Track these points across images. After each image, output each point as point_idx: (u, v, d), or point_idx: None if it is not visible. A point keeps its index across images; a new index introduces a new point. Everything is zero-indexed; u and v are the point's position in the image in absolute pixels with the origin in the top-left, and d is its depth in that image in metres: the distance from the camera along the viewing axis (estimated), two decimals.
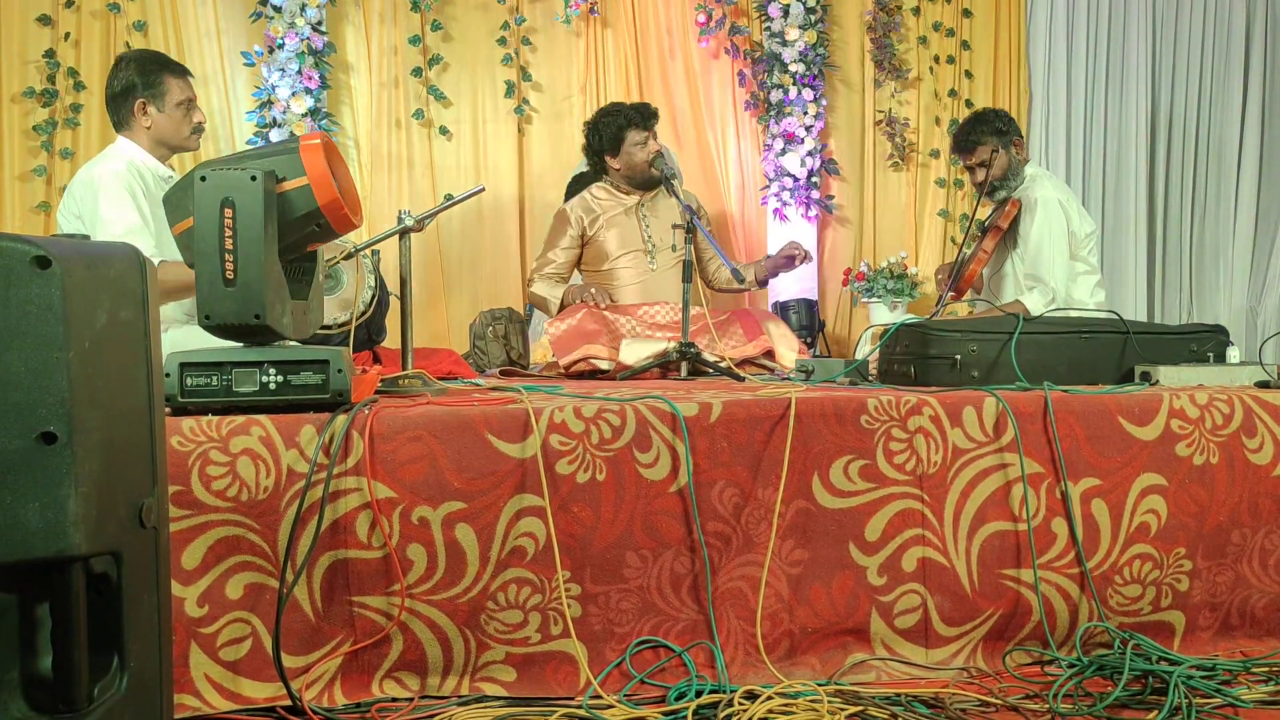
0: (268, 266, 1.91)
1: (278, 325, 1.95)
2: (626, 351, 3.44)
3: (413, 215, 2.70)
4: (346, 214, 2.01)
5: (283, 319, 1.98)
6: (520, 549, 1.94)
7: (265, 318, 1.90)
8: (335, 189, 1.97)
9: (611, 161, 4.18)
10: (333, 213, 1.99)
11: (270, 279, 1.92)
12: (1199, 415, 2.19)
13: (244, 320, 1.90)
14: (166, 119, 3.17)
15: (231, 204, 1.89)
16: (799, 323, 5.21)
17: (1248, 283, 5.94)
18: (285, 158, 1.97)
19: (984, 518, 2.11)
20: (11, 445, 1.06)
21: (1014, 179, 4.00)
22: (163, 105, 3.17)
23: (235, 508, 1.85)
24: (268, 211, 1.91)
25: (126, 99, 3.16)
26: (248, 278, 1.89)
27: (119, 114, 3.18)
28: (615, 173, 4.20)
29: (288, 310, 2.01)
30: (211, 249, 1.90)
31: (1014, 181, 4.00)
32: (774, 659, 2.01)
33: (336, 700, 1.89)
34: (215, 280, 1.89)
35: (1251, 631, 2.22)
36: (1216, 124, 5.93)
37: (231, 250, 1.89)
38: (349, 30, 5.37)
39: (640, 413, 2.00)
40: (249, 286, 1.89)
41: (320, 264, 2.20)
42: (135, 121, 3.15)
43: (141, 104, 3.14)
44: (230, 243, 1.89)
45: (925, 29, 5.76)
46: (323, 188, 1.96)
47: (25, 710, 1.11)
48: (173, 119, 3.17)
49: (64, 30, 5.03)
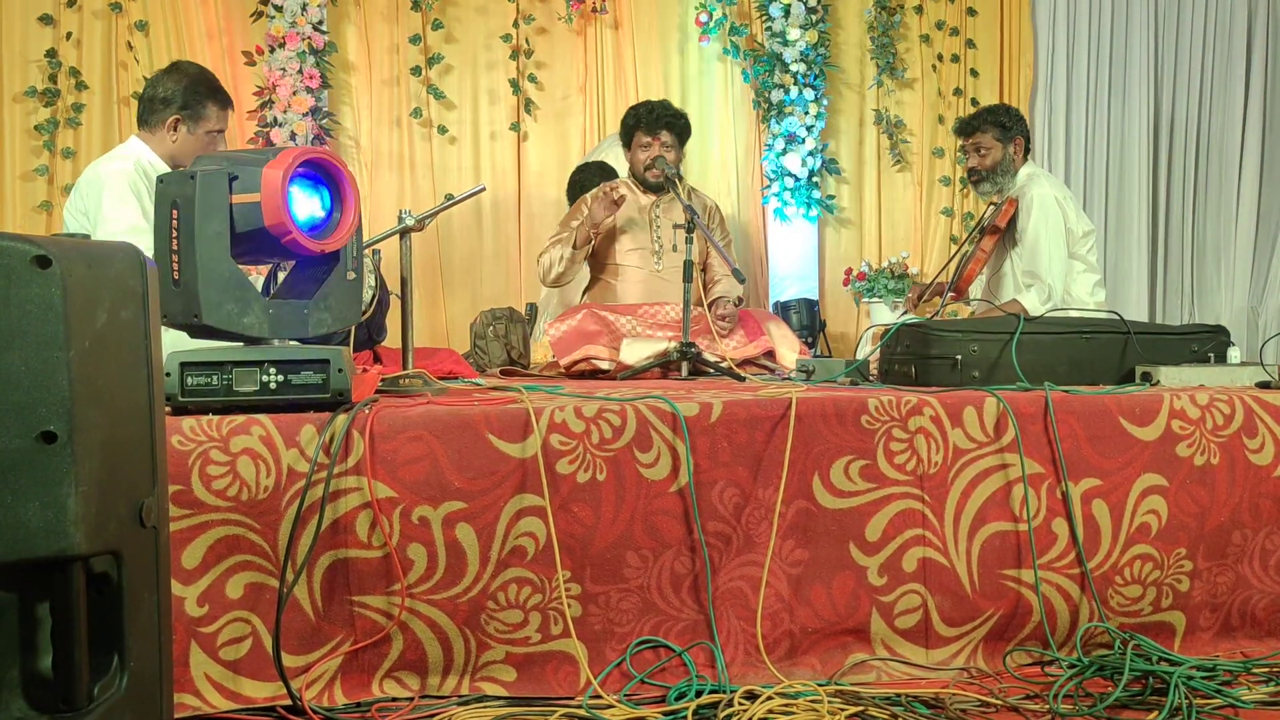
0: (209, 267, 1.90)
1: (231, 325, 1.94)
2: (627, 351, 3.44)
3: (413, 215, 2.70)
4: (296, 239, 1.96)
5: (242, 319, 1.96)
6: (520, 549, 1.94)
7: (204, 318, 1.90)
8: (284, 214, 1.93)
9: (627, 156, 4.18)
10: (280, 234, 1.95)
11: (213, 280, 1.91)
12: (1200, 416, 2.19)
13: (186, 320, 1.91)
14: (193, 142, 3.13)
15: (177, 205, 1.90)
16: (800, 323, 5.21)
17: (1249, 283, 5.94)
18: (253, 169, 1.95)
19: (984, 518, 2.11)
20: (12, 444, 1.06)
21: (1004, 177, 3.99)
22: (194, 129, 3.13)
23: (235, 507, 1.85)
24: (212, 212, 1.90)
25: (164, 108, 3.11)
26: (187, 277, 1.90)
27: (149, 116, 3.14)
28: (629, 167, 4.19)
29: (253, 310, 1.97)
30: (163, 249, 1.92)
31: (1003, 179, 3.99)
32: (774, 659, 2.01)
33: (337, 700, 1.89)
34: (165, 280, 1.90)
35: (1252, 632, 2.22)
36: (1218, 125, 5.93)
37: (176, 250, 1.90)
38: (350, 30, 5.38)
39: (641, 413, 2.00)
40: (188, 286, 1.90)
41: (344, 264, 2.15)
42: (161, 132, 3.13)
43: (175, 120, 3.11)
44: (175, 243, 1.90)
45: (928, 27, 5.76)
46: (271, 209, 1.92)
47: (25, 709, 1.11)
48: (198, 143, 3.13)
49: (65, 30, 5.04)
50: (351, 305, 2.16)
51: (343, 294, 2.15)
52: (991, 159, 4.00)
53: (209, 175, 1.93)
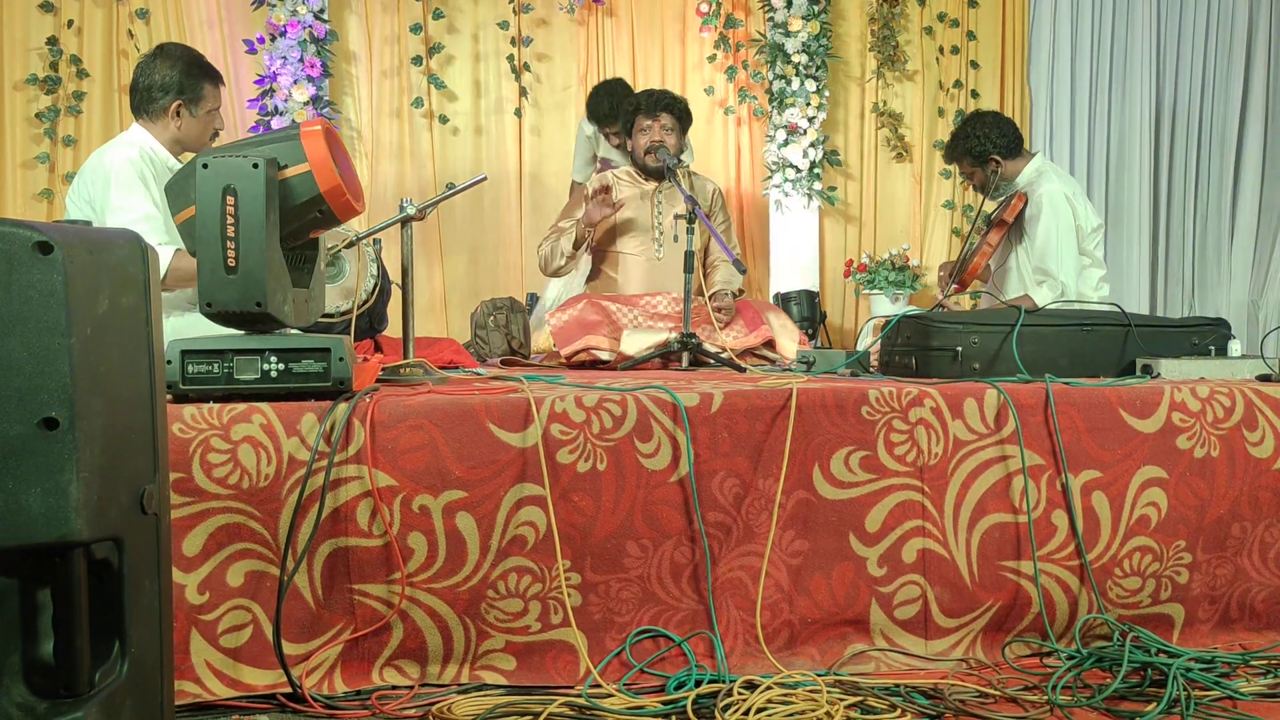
0: (269, 254, 1.91)
1: (279, 313, 1.95)
2: (628, 342, 3.44)
3: (414, 204, 2.70)
4: (348, 200, 2.00)
5: (284, 306, 1.98)
6: (521, 538, 1.94)
7: (267, 305, 1.90)
8: (337, 175, 1.97)
9: (627, 143, 4.17)
10: (335, 199, 1.98)
11: (272, 266, 1.92)
12: (1200, 408, 2.19)
13: (245, 308, 1.90)
14: (196, 124, 3.14)
15: (233, 191, 1.89)
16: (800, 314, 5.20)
17: (1249, 276, 5.94)
18: (287, 144, 1.96)
19: (984, 509, 2.11)
20: (13, 431, 1.06)
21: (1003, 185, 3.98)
22: (196, 111, 3.13)
23: (236, 495, 1.85)
24: (269, 199, 1.90)
25: (163, 96, 3.11)
26: (249, 265, 1.89)
27: (148, 106, 3.13)
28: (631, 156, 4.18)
29: (289, 298, 2.01)
30: (213, 236, 1.89)
31: (1004, 187, 3.98)
32: (774, 649, 2.02)
33: (337, 688, 1.89)
34: (217, 267, 1.89)
35: (1251, 624, 2.23)
36: (1219, 117, 5.92)
37: (233, 238, 1.89)
38: (351, 18, 5.37)
39: (641, 403, 2.00)
40: (250, 274, 1.89)
41: (322, 252, 2.20)
42: (164, 119, 3.12)
43: (178, 106, 3.11)
44: (232, 230, 1.89)
45: (930, 19, 5.75)
46: (324, 174, 1.96)
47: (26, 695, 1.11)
48: (200, 125, 3.15)
49: (66, 17, 5.03)
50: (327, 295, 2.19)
51: (322, 284, 2.22)
52: (978, 180, 4.03)
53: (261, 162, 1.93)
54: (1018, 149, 3.96)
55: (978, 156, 3.95)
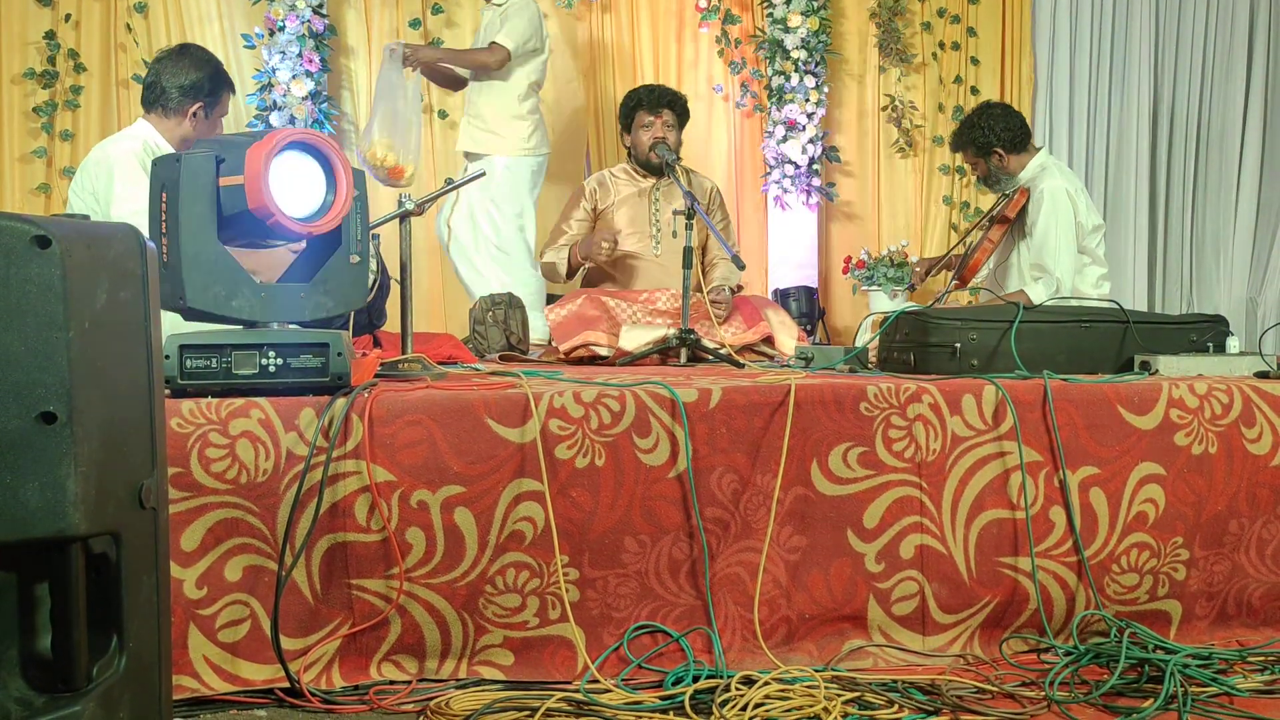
0: (195, 250, 1.89)
1: (216, 308, 1.93)
2: (626, 338, 3.44)
3: (413, 199, 2.69)
4: (280, 222, 1.94)
5: (230, 302, 1.95)
6: (519, 533, 1.94)
7: (189, 301, 1.90)
8: (263, 196, 1.90)
9: (626, 140, 4.17)
10: (263, 216, 1.92)
11: (198, 263, 1.90)
12: (1198, 405, 2.19)
13: (173, 303, 1.91)
14: (207, 127, 3.17)
15: (165, 188, 1.90)
16: (799, 310, 5.20)
17: (1248, 273, 5.94)
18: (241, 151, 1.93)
19: (982, 505, 2.11)
20: (11, 425, 1.06)
21: (1005, 179, 3.97)
22: (211, 115, 3.17)
23: (234, 490, 1.85)
24: (193, 197, 1.90)
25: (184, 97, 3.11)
26: (174, 260, 1.90)
27: (164, 103, 3.13)
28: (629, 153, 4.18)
29: (242, 293, 1.97)
30: (154, 233, 1.92)
31: (1006, 180, 3.97)
32: (771, 645, 2.02)
33: (335, 683, 1.89)
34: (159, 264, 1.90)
35: (1248, 621, 2.23)
36: (1218, 114, 5.92)
37: (165, 234, 1.89)
38: (350, 13, 5.35)
39: (640, 398, 2.00)
40: (175, 270, 1.90)
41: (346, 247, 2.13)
42: (178, 118, 3.12)
43: (198, 109, 3.12)
44: (164, 226, 1.89)
45: (930, 15, 5.74)
46: (253, 191, 1.90)
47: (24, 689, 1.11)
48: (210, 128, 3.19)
49: (64, 12, 5.01)
50: (355, 289, 2.15)
51: (344, 278, 2.13)
52: (981, 171, 4.02)
53: (194, 158, 1.92)
54: (1023, 143, 3.95)
55: (981, 147, 3.94)
